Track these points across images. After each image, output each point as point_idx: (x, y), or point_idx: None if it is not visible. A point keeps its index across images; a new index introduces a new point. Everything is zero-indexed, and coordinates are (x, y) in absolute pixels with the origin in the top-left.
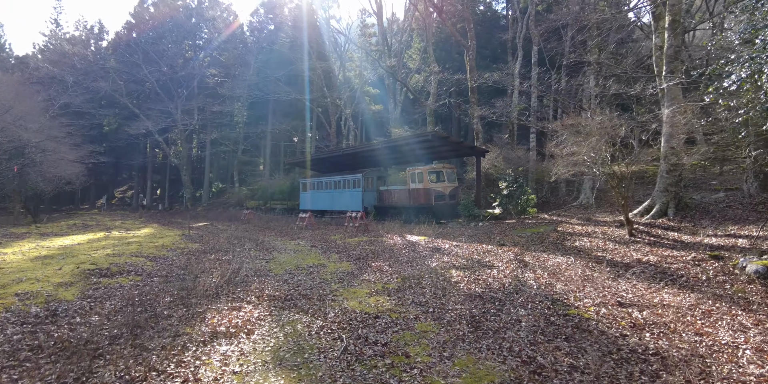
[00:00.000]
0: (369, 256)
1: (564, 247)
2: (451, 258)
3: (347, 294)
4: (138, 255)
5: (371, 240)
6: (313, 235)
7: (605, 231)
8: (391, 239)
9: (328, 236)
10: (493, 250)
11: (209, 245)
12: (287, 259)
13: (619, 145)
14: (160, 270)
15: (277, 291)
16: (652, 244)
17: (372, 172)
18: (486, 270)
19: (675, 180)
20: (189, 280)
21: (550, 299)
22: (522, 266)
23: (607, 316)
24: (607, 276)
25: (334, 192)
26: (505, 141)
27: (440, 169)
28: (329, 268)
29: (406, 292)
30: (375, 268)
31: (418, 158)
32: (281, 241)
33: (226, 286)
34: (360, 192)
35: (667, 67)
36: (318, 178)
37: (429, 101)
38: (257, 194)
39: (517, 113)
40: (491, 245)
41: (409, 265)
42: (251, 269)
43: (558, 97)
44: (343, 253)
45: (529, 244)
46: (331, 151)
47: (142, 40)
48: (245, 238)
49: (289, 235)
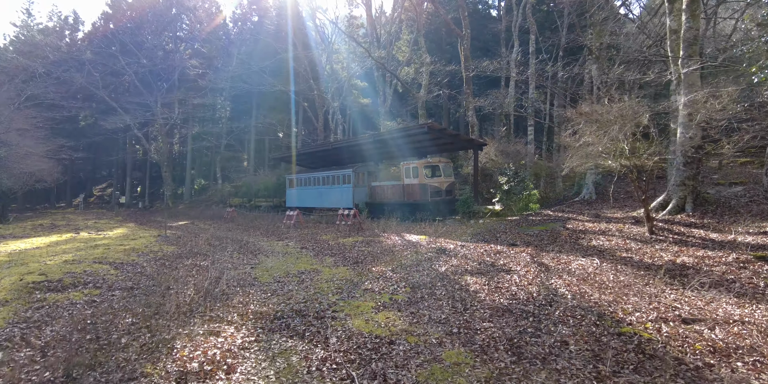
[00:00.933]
0: (368, 259)
1: (581, 247)
2: (460, 261)
3: (350, 309)
4: (102, 261)
5: (367, 240)
6: (302, 234)
7: (621, 228)
8: (389, 239)
9: (318, 236)
10: (504, 252)
11: (187, 248)
12: (275, 264)
13: (639, 135)
14: (124, 280)
15: (265, 306)
16: (679, 242)
17: (363, 167)
18: (504, 275)
19: (693, 173)
20: (158, 293)
21: (594, 313)
22: (544, 270)
23: (674, 336)
24: (645, 281)
25: (322, 188)
26: (502, 134)
27: (436, 163)
28: (324, 275)
29: (419, 304)
30: (377, 274)
31: (411, 152)
32: (267, 242)
33: (202, 300)
34: (350, 188)
35: (684, 51)
36: (305, 174)
37: (420, 93)
38: (241, 191)
39: (514, 105)
40: (500, 245)
41: (415, 269)
42: (233, 277)
43: (557, 88)
44: (338, 255)
45: (542, 243)
46: (319, 146)
47: (120, 31)
48: (228, 238)
49: (276, 235)
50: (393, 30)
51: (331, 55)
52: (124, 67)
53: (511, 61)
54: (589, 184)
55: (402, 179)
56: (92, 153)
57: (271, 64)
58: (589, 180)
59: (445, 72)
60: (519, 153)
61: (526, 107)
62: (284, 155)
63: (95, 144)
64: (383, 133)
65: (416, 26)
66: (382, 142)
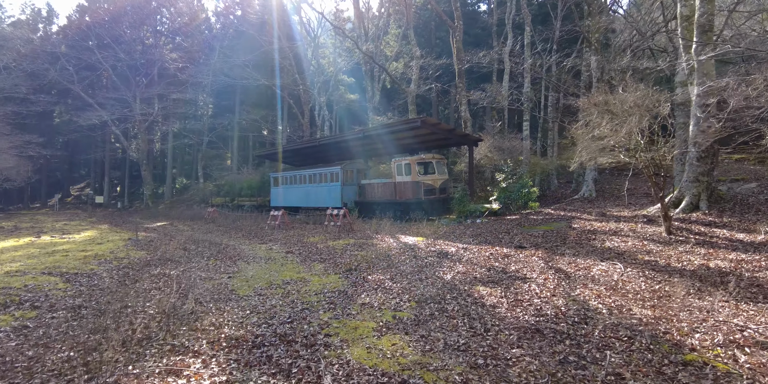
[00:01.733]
0: (362, 265)
1: (596, 250)
2: (466, 267)
3: (346, 331)
4: (53, 272)
5: (359, 243)
6: (288, 236)
7: (633, 228)
8: (383, 241)
9: (305, 238)
10: (513, 255)
11: (158, 254)
12: (257, 273)
13: (657, 127)
14: (73, 297)
15: (242, 328)
16: (704, 244)
17: (352, 164)
18: (521, 284)
19: (707, 168)
20: (111, 313)
21: (643, 334)
22: (564, 278)
23: (758, 367)
24: (685, 291)
25: (309, 187)
26: (497, 129)
27: (429, 160)
28: (313, 285)
29: (429, 325)
30: (374, 284)
31: (402, 149)
32: (249, 245)
33: (164, 323)
34: (339, 186)
35: (698, 38)
36: (291, 172)
37: (411, 87)
38: (223, 190)
39: (509, 99)
40: (506, 248)
41: (417, 278)
42: (207, 290)
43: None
44: (328, 261)
45: (552, 245)
46: (305, 142)
47: (96, 24)
48: (206, 242)
49: (258, 237)
50: (381, 24)
51: (317, 50)
52: (100, 60)
53: (505, 54)
54: (589, 181)
55: (393, 177)
56: (69, 151)
57: (255, 57)
58: (589, 177)
59: (435, 66)
60: (515, 149)
61: (522, 102)
62: (269, 152)
63: (72, 142)
64: (374, 128)
65: (405, 19)
66: (372, 138)
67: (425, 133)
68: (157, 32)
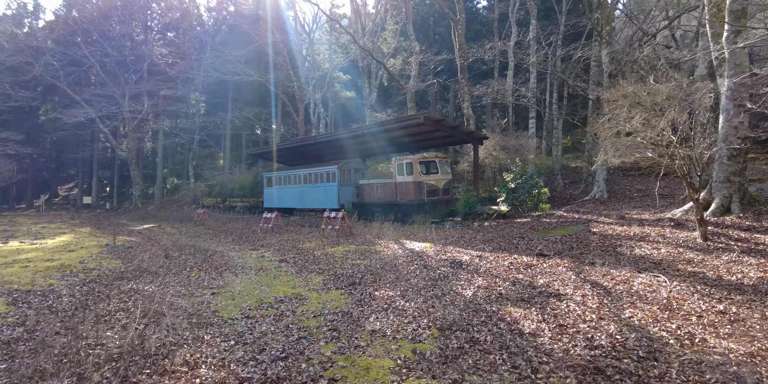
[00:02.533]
0: (367, 277)
1: (627, 258)
2: (487, 279)
3: (356, 373)
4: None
5: (361, 250)
6: (282, 241)
7: (661, 233)
8: (387, 248)
9: (301, 243)
10: (535, 265)
11: (135, 263)
12: (245, 287)
13: (693, 121)
14: (13, 326)
15: (223, 369)
16: (750, 252)
17: (349, 163)
18: (556, 303)
19: (739, 168)
20: (55, 351)
21: (742, 380)
22: (603, 294)
23: None
24: (760, 314)
25: (304, 187)
26: (502, 127)
27: (432, 159)
28: (311, 305)
29: (460, 363)
30: (383, 302)
31: (402, 147)
32: (239, 251)
33: (123, 362)
34: (336, 187)
35: (729, 26)
36: (285, 172)
37: (410, 84)
38: (215, 191)
39: (515, 95)
40: (526, 256)
41: (433, 294)
42: (185, 311)
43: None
44: (328, 272)
45: (575, 253)
46: (300, 140)
47: (84, 19)
48: (192, 247)
49: (249, 243)
50: (378, 20)
51: (311, 46)
52: (87, 56)
53: (509, 49)
54: (600, 181)
55: (394, 177)
56: (57, 150)
57: (248, 53)
58: (600, 177)
59: (435, 62)
60: (522, 147)
61: (528, 98)
62: (262, 151)
63: (60, 141)
64: (373, 125)
65: (404, 13)
66: (371, 136)
67: (428, 130)
68: (147, 28)
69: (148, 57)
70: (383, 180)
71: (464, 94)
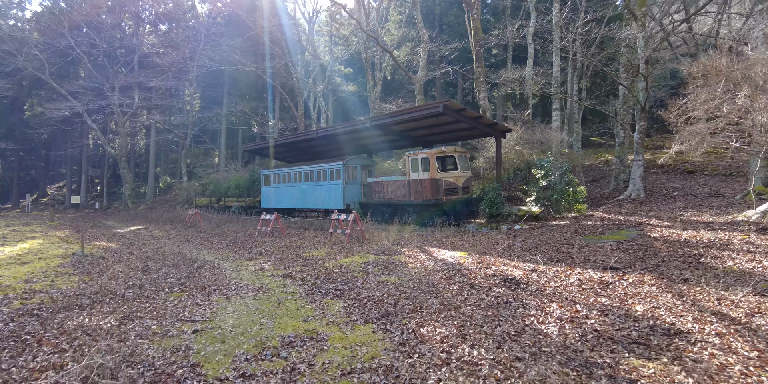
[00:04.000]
0: (402, 303)
1: (721, 272)
2: (563, 306)
3: None
4: None
5: (382, 261)
6: (283, 248)
7: (747, 239)
8: (413, 258)
9: (306, 251)
10: (612, 283)
11: (100, 281)
12: (240, 319)
13: None
14: None
15: None
16: None
17: (355, 159)
18: (689, 349)
19: None
20: None
21: None
22: (744, 331)
23: None
24: None
25: (305, 186)
26: (525, 119)
27: (451, 154)
28: (335, 352)
29: None
30: (439, 349)
31: (415, 141)
32: (233, 261)
33: None
34: (340, 185)
35: None
36: (284, 169)
37: (418, 75)
38: (209, 190)
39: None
40: (591, 269)
41: (502, 331)
42: (150, 368)
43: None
44: (348, 294)
45: (651, 265)
46: (300, 134)
47: (72, 8)
48: (177, 257)
49: (246, 249)
50: (381, 9)
51: (312, 35)
52: (73, 46)
53: (529, 35)
54: (637, 179)
55: (407, 174)
56: (45, 148)
57: (244, 43)
58: (637, 174)
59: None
60: (548, 141)
61: (554, 87)
62: (259, 146)
63: (49, 138)
64: (383, 116)
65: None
66: (380, 129)
67: (446, 121)
68: (139, 19)
69: (139, 48)
70: (394, 177)
71: (480, 84)
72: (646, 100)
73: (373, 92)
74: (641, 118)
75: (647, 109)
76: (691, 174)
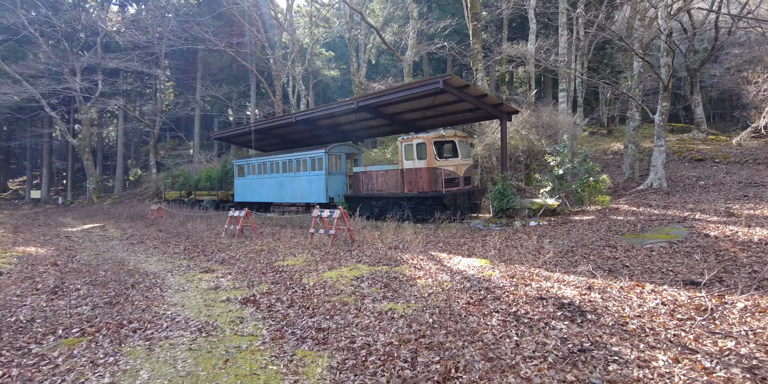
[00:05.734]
0: (421, 358)
1: None
2: (678, 358)
3: None
4: None
5: (379, 274)
6: (252, 254)
7: None
8: (420, 268)
9: (280, 259)
10: (715, 309)
11: None
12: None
13: None
14: None
15: None
16: None
17: (339, 147)
18: None
19: None
20: None
21: None
22: None
23: None
24: None
25: (284, 177)
26: (530, 100)
27: (451, 138)
28: None
29: None
30: None
31: (406, 127)
32: (184, 274)
33: None
34: (323, 176)
35: None
36: (259, 159)
37: (407, 54)
38: (178, 182)
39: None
40: (666, 284)
41: None
42: None
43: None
44: (336, 339)
45: (742, 277)
46: (277, 119)
47: None
48: (116, 266)
49: (205, 255)
50: None
51: (291, 16)
52: (25, 24)
53: (530, 8)
54: (659, 167)
55: (400, 162)
56: (3, 139)
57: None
58: (659, 162)
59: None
60: (555, 124)
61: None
62: (232, 134)
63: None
64: (371, 96)
65: None
66: (369, 111)
67: (445, 101)
68: None
69: (103, 30)
70: (385, 167)
71: (477, 62)
72: (669, 77)
73: (358, 75)
74: (663, 98)
75: (670, 87)
76: (701, 162)
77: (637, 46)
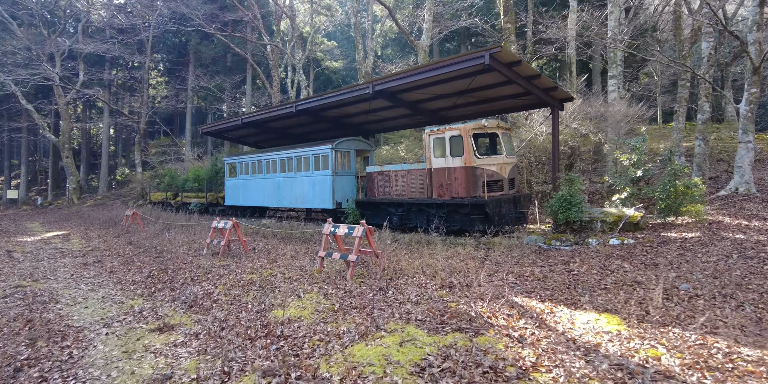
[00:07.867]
0: None
1: None
2: None
3: None
4: None
5: (454, 356)
6: (237, 290)
7: None
8: (522, 342)
9: (274, 305)
10: None
11: None
12: None
13: None
14: None
15: None
16: None
17: (348, 143)
18: None
19: None
20: None
21: None
22: None
23: None
24: None
25: (282, 178)
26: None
27: (494, 130)
28: None
29: None
30: None
31: (431, 118)
32: (125, 333)
33: None
34: (329, 177)
35: None
36: (254, 156)
37: (422, 40)
38: (164, 183)
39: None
40: None
41: None
42: None
43: None
44: None
45: None
46: (274, 108)
47: None
48: (29, 309)
49: (171, 289)
50: None
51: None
52: None
53: None
54: (745, 167)
55: (428, 159)
56: None
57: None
58: (745, 161)
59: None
60: (605, 116)
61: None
62: (222, 127)
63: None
64: (395, 76)
65: None
66: (387, 97)
67: (484, 83)
68: None
69: (85, 15)
70: (407, 166)
71: (510, 43)
72: (763, 56)
73: (364, 64)
74: (752, 82)
75: (761, 70)
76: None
77: (707, 22)
